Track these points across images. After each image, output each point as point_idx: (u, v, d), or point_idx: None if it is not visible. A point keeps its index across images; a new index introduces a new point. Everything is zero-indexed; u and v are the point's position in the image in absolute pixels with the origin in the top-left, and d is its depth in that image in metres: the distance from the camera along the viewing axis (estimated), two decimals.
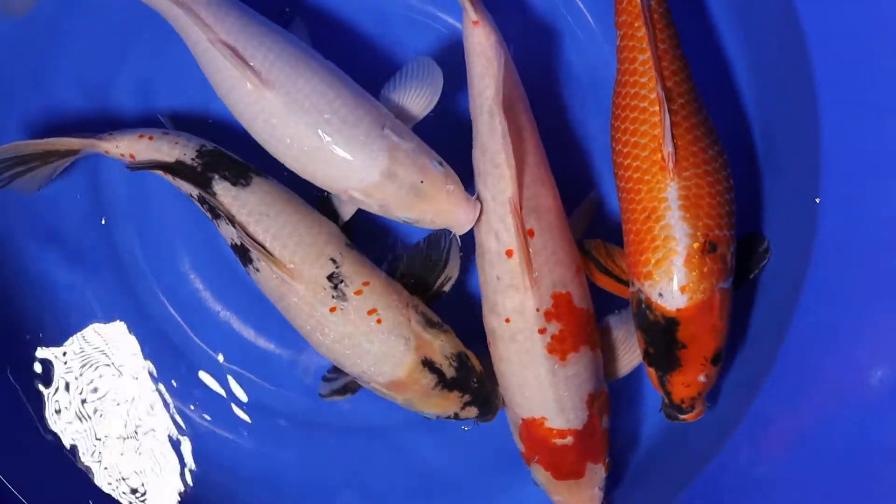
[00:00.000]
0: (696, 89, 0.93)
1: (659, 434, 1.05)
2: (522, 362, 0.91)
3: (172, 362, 1.05)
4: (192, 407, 1.05)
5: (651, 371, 0.93)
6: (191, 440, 1.05)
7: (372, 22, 1.03)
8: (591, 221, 1.02)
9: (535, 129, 0.93)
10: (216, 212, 0.93)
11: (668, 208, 0.88)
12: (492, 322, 0.93)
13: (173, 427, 1.05)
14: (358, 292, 0.92)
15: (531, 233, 0.90)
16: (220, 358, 1.05)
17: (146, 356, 1.05)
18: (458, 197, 0.90)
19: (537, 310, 0.89)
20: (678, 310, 0.89)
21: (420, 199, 0.90)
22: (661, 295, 0.89)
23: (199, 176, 0.93)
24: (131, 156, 0.95)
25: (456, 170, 0.92)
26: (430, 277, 0.96)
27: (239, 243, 0.93)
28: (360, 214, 0.97)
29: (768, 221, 1.00)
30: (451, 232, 0.94)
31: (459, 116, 1.00)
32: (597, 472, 0.95)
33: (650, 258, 0.89)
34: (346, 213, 0.97)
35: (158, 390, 1.05)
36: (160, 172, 0.94)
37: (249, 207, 0.92)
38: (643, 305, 0.91)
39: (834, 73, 0.92)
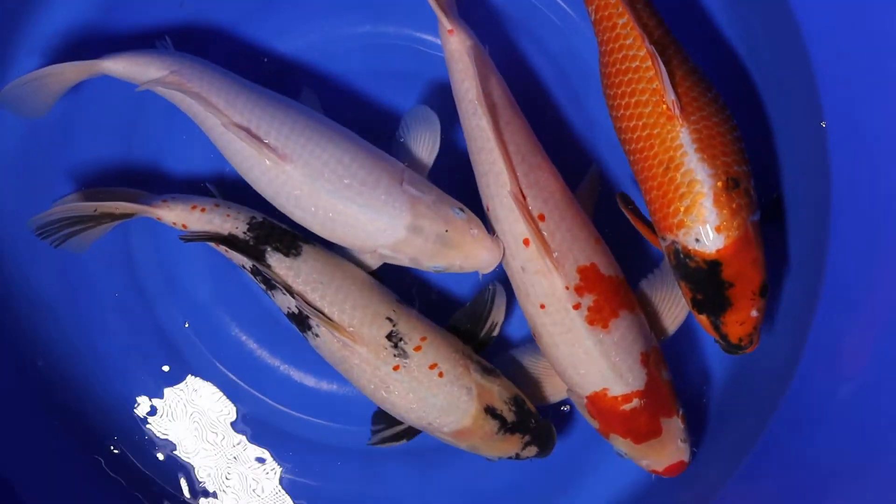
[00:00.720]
0: (677, 39, 0.95)
1: (727, 374, 1.06)
2: (568, 341, 0.93)
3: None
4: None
5: (703, 318, 0.94)
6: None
7: (367, 73, 1.06)
8: (599, 194, 1.03)
9: (523, 120, 0.96)
10: (271, 283, 0.96)
11: (686, 153, 0.90)
12: (530, 312, 0.95)
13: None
14: (417, 348, 0.96)
15: (542, 217, 0.92)
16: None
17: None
18: (482, 240, 0.94)
19: (566, 288, 0.92)
20: (718, 250, 0.90)
21: (447, 248, 0.94)
22: (697, 240, 0.90)
23: (252, 249, 0.97)
24: (183, 225, 0.98)
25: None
26: (477, 326, 1.01)
27: (296, 312, 0.96)
28: None
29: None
30: (494, 282, 1.00)
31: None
32: (674, 425, 0.96)
33: (679, 207, 0.90)
34: (374, 263, 1.00)
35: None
36: (215, 244, 0.98)
37: (304, 277, 0.96)
38: (682, 255, 0.91)
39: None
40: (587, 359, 0.93)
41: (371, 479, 1.08)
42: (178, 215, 0.98)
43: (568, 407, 1.06)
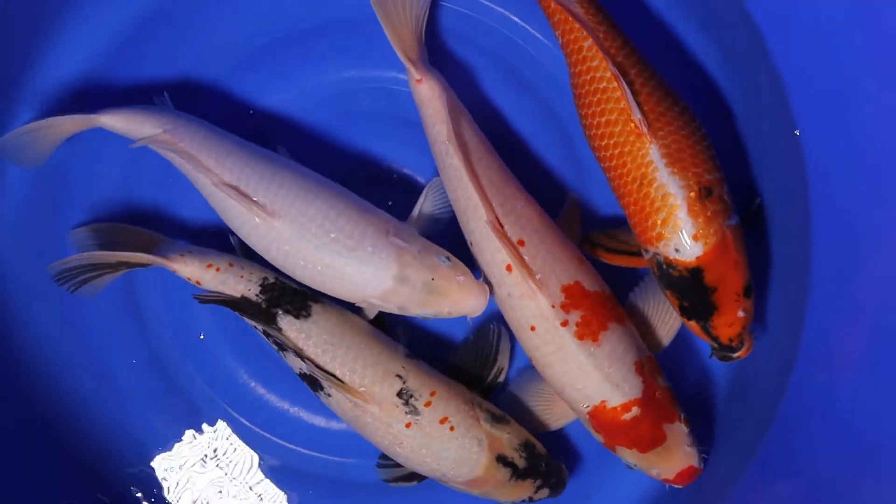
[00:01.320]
0: (643, 56, 0.98)
1: (726, 380, 1.09)
2: (561, 359, 0.96)
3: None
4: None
5: (692, 324, 0.97)
6: None
7: (348, 116, 1.10)
8: (583, 219, 1.07)
9: (494, 155, 1.00)
10: (283, 346, 1.00)
11: (657, 169, 0.93)
12: (522, 338, 0.99)
13: None
14: (427, 404, 0.99)
15: (521, 242, 0.96)
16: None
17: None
18: (468, 286, 0.97)
19: (553, 306, 0.95)
20: (698, 258, 0.93)
21: (434, 296, 0.97)
22: (677, 250, 0.94)
23: (264, 313, 1.00)
24: (198, 282, 1.02)
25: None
26: (483, 372, 1.04)
27: (308, 373, 0.99)
28: None
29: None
30: (497, 324, 1.04)
31: None
32: (678, 430, 0.98)
33: (656, 220, 0.94)
34: (371, 313, 1.03)
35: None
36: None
37: (314, 339, 0.99)
38: (664, 266, 0.95)
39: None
40: (581, 373, 0.96)
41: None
42: (193, 272, 1.01)
43: None
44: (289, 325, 0.99)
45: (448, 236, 1.02)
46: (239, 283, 1.01)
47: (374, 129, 1.10)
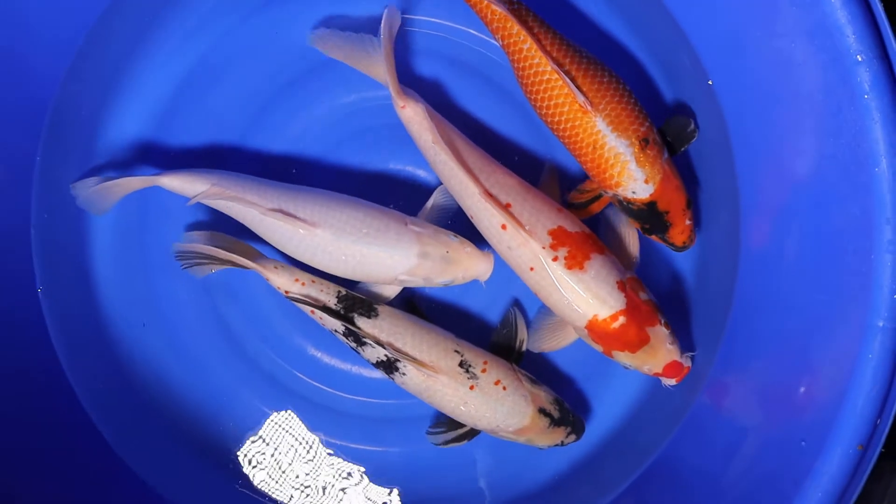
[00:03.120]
0: (571, 42, 1.12)
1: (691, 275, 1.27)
2: (557, 288, 1.13)
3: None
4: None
5: (654, 237, 1.18)
6: None
7: (355, 134, 1.26)
8: (560, 179, 1.24)
9: (474, 146, 1.16)
10: (361, 341, 1.16)
11: (605, 136, 1.11)
12: (525, 278, 1.15)
13: None
14: (483, 370, 1.17)
15: (509, 205, 1.13)
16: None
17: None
18: (476, 254, 1.17)
19: (543, 248, 1.12)
20: (650, 195, 1.14)
21: (450, 265, 1.16)
22: (633, 192, 1.14)
23: (343, 316, 1.16)
24: (286, 292, 1.16)
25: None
26: (511, 344, 1.23)
27: (384, 359, 1.16)
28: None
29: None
30: (514, 308, 1.23)
31: None
32: (659, 332, 1.14)
33: (612, 173, 1.13)
34: (390, 295, 1.21)
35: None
36: (308, 310, 1.17)
37: (386, 331, 1.16)
38: (625, 203, 1.15)
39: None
40: (575, 296, 1.12)
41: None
42: (283, 282, 1.16)
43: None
44: (364, 324, 1.16)
45: (451, 227, 1.20)
46: (320, 294, 1.17)
47: (373, 143, 1.25)
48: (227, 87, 1.26)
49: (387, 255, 1.15)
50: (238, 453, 1.28)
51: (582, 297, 1.12)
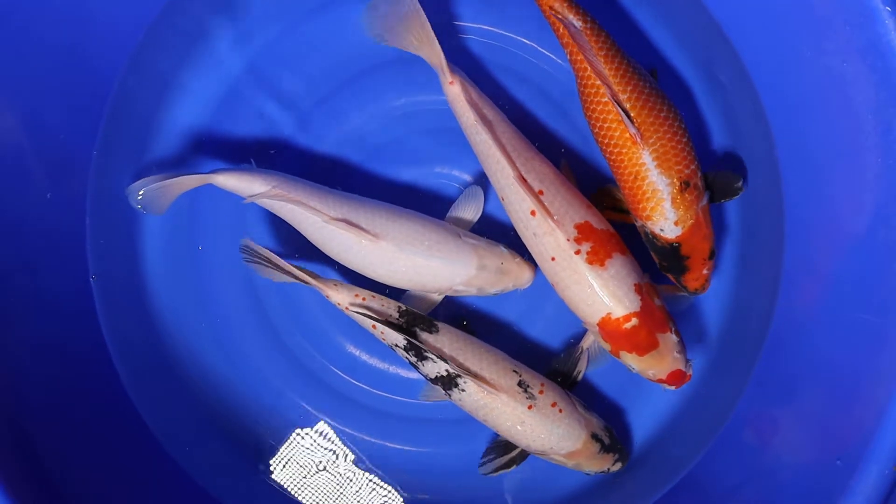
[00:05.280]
0: (637, 70, 1.12)
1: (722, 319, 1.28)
2: (575, 280, 1.14)
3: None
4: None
5: (669, 275, 1.18)
6: None
7: (408, 138, 1.28)
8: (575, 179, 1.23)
9: (515, 129, 1.16)
10: (422, 354, 1.16)
11: (648, 169, 1.12)
12: (545, 268, 1.16)
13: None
14: (540, 392, 1.18)
15: (541, 192, 1.14)
16: None
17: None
18: (523, 265, 1.20)
19: (568, 240, 1.13)
20: (677, 237, 1.14)
21: (503, 275, 1.19)
22: (662, 230, 1.14)
23: (405, 329, 1.17)
24: (346, 308, 1.17)
25: None
26: (570, 371, 1.22)
27: (444, 374, 1.16)
28: None
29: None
30: (581, 346, 1.23)
31: None
32: (669, 339, 1.15)
33: (646, 206, 1.14)
34: (437, 301, 1.23)
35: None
36: (370, 324, 1.17)
37: (447, 347, 1.17)
38: (650, 236, 1.16)
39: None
40: (591, 291, 1.13)
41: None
42: (343, 298, 1.17)
43: None
44: (426, 339, 1.16)
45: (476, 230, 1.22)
46: (382, 309, 1.17)
47: (418, 149, 1.27)
48: (278, 86, 1.28)
49: (447, 266, 1.17)
50: (273, 447, 1.30)
51: (598, 294, 1.13)
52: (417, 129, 1.28)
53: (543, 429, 1.17)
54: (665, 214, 1.13)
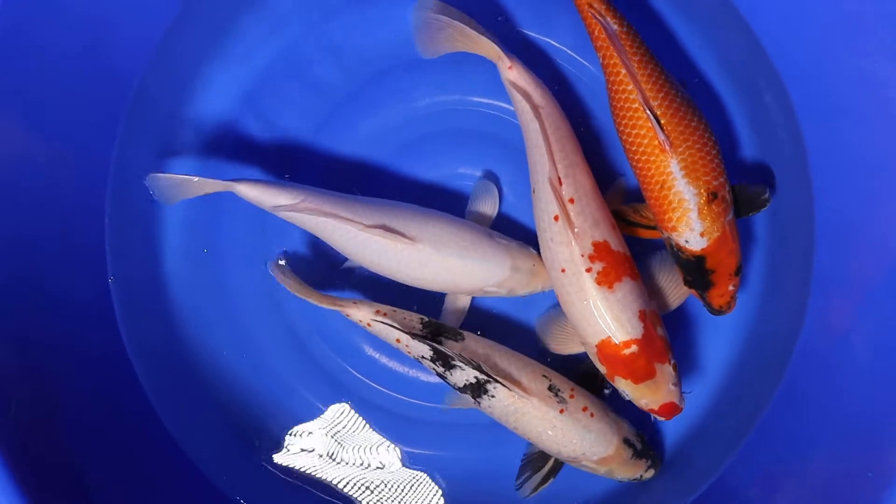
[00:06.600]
0: (669, 78, 1.12)
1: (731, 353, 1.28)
2: (581, 298, 1.12)
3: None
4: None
5: (693, 291, 1.17)
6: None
7: (433, 137, 1.27)
8: (623, 198, 1.23)
9: (568, 127, 1.15)
10: (449, 364, 1.15)
11: (675, 178, 1.10)
12: (554, 276, 1.15)
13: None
14: (571, 396, 1.16)
15: (571, 201, 1.12)
16: None
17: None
18: None
19: (582, 255, 1.11)
20: (702, 249, 1.12)
21: (535, 277, 1.19)
22: (686, 241, 1.13)
23: (432, 339, 1.15)
24: (368, 325, 1.17)
25: None
26: (597, 373, 1.18)
27: (473, 382, 1.15)
28: None
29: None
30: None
31: None
32: (666, 371, 1.13)
33: (672, 217, 1.12)
34: (465, 305, 1.24)
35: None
36: (394, 339, 1.16)
37: (475, 354, 1.16)
38: (675, 249, 1.14)
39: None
40: (595, 312, 1.11)
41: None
42: (364, 315, 1.16)
43: None
44: (453, 347, 1.15)
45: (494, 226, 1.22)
46: (405, 322, 1.16)
47: (443, 148, 1.27)
48: (301, 86, 1.28)
49: (481, 267, 1.17)
50: (287, 443, 1.30)
51: (601, 316, 1.12)
52: (439, 129, 1.27)
53: (575, 433, 1.16)
54: (691, 225, 1.12)
